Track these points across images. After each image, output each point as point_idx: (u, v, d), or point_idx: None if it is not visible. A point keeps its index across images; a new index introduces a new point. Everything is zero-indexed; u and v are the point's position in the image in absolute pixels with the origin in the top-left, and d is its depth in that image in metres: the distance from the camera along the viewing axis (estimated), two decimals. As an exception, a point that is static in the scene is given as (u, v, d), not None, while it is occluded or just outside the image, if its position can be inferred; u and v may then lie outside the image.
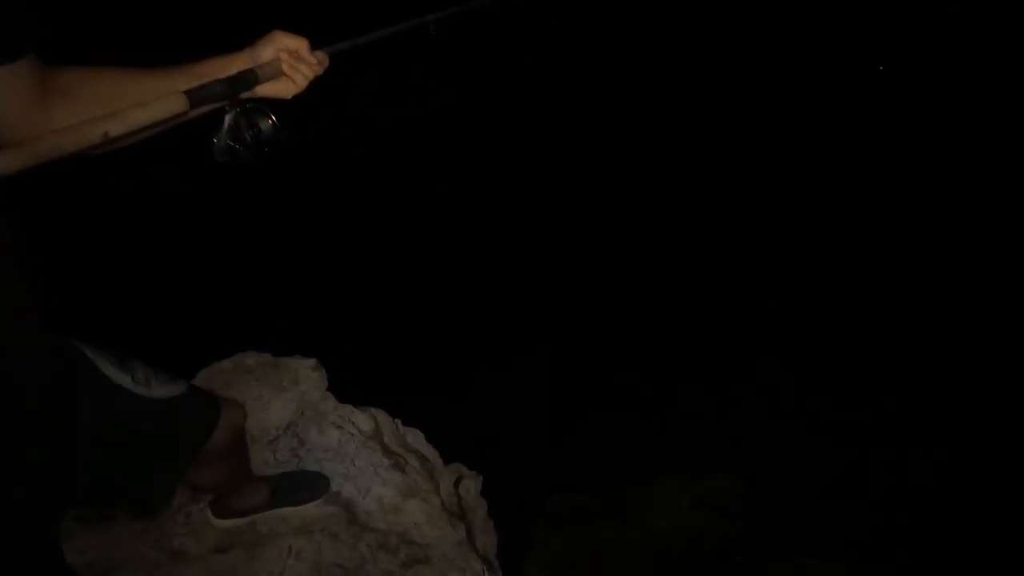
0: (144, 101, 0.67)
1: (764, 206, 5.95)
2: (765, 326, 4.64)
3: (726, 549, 2.91)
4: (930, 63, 7.48)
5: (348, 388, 2.18)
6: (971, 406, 3.67)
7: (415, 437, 2.18)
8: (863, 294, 4.82)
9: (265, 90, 0.80)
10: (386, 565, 1.65)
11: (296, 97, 0.85)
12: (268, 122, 0.81)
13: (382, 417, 2.09)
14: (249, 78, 0.78)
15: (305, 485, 1.70)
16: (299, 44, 0.83)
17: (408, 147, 6.32)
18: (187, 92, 0.72)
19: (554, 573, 2.82)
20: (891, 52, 7.70)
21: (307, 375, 2.02)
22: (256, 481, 1.61)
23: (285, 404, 1.92)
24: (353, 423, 1.98)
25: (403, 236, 5.39)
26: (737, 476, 3.30)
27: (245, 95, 0.79)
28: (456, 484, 2.13)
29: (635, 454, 3.56)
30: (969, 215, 5.40)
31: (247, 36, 0.86)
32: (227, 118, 0.79)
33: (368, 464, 1.88)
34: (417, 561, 1.68)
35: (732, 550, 2.89)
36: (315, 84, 0.87)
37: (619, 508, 3.19)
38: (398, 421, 2.15)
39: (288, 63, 0.81)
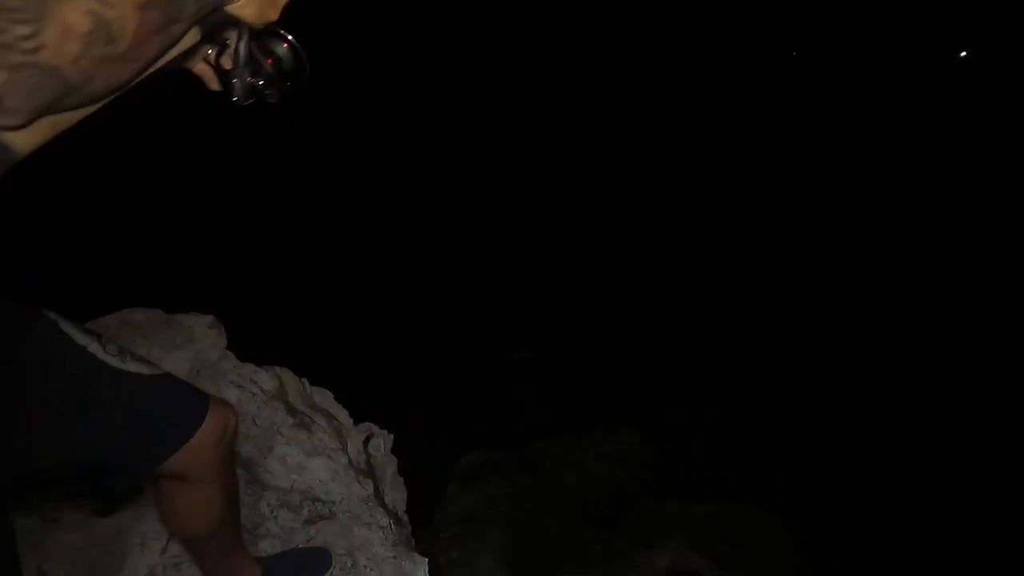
0: None
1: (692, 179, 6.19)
2: (671, 295, 4.90)
3: (628, 496, 3.12)
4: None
5: (253, 348, 2.09)
6: (841, 358, 4.10)
7: (323, 396, 2.13)
8: (747, 266, 5.19)
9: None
10: (287, 522, 1.62)
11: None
12: (283, 46, 0.66)
13: (287, 376, 2.03)
14: None
15: (304, 565, 1.42)
16: None
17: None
18: None
19: (465, 526, 2.91)
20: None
21: (203, 333, 1.91)
22: (249, 561, 1.27)
23: (178, 363, 1.81)
24: (255, 382, 1.91)
25: (311, 193, 5.17)
26: (639, 433, 3.53)
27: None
28: (366, 443, 2.12)
29: (544, 414, 3.71)
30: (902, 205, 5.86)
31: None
32: (240, 47, 0.64)
33: (271, 423, 1.83)
34: (321, 517, 1.67)
35: (633, 497, 3.11)
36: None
37: (529, 463, 3.32)
38: (305, 380, 2.10)
39: None
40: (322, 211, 4.77)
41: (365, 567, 1.58)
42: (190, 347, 1.87)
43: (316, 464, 1.80)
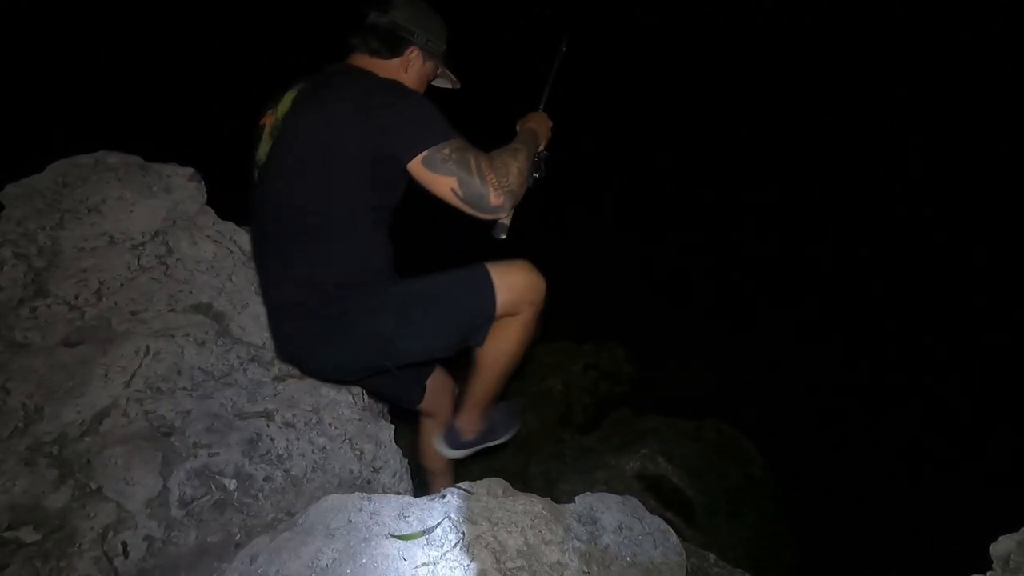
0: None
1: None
2: (664, 231, 4.76)
3: (608, 407, 3.16)
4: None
5: (234, 208, 2.02)
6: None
7: (306, 267, 2.09)
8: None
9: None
10: (257, 376, 1.62)
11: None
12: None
13: (269, 241, 1.97)
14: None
15: (512, 412, 1.75)
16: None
17: None
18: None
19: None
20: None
21: (182, 184, 1.84)
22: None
23: (153, 210, 1.75)
24: (234, 241, 1.86)
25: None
26: (627, 349, 3.53)
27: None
28: (346, 318, 2.09)
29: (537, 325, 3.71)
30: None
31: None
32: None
33: (247, 282, 1.79)
34: (291, 376, 1.67)
35: (613, 408, 3.14)
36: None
37: (517, 369, 3.34)
38: (287, 248, 2.04)
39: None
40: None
41: (330, 424, 1.59)
42: (167, 196, 1.80)
43: (290, 326, 1.78)
